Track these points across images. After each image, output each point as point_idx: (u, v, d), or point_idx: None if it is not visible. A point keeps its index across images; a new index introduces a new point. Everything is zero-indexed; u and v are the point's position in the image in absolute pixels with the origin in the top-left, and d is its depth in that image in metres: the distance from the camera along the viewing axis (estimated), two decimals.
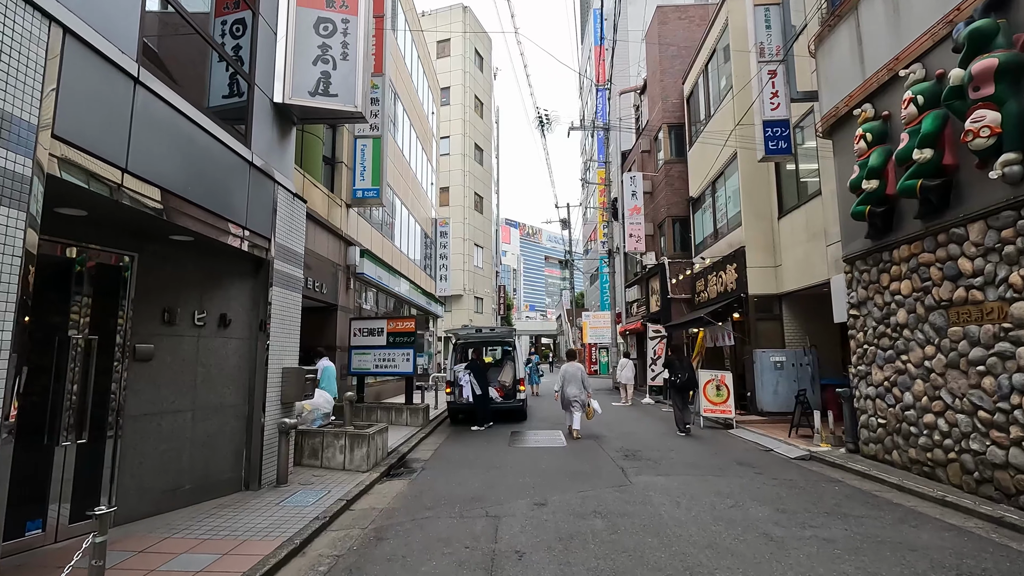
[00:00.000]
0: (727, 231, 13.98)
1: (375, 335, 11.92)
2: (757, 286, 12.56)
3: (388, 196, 16.40)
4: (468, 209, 39.10)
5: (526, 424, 12.07)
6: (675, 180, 18.29)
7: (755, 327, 12.50)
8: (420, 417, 11.23)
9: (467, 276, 38.37)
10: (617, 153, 25.86)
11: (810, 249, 10.84)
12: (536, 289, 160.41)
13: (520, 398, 12.14)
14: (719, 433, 10.74)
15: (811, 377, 11.74)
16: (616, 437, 10.20)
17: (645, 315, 19.69)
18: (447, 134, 39.31)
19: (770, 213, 12.73)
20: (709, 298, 15.08)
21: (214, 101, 6.04)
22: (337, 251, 12.16)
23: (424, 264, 24.12)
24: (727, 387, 11.58)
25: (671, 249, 18.11)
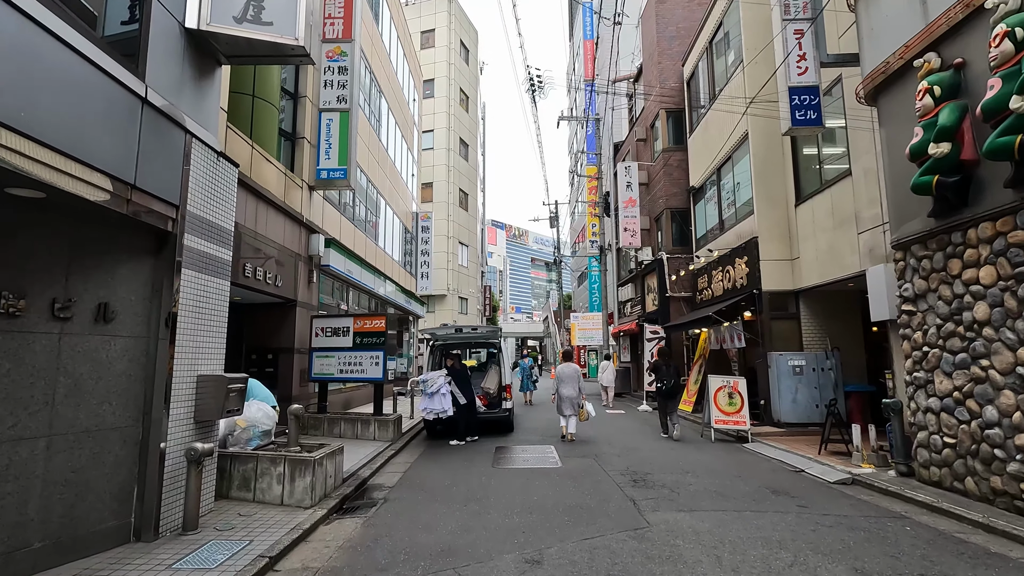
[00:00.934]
0: (735, 221, 12.66)
1: (340, 335, 10.37)
2: (771, 281, 11.23)
3: (360, 181, 14.83)
4: (453, 206, 37.59)
5: (513, 437, 10.58)
6: (674, 169, 16.98)
7: (769, 327, 11.17)
8: (390, 430, 9.68)
9: (451, 275, 36.83)
10: (608, 145, 24.55)
11: (837, 238, 9.52)
12: (522, 291, 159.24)
13: (506, 407, 10.65)
14: (734, 448, 9.35)
15: (834, 383, 10.42)
16: (617, 454, 8.76)
17: (641, 315, 18.34)
18: (431, 128, 37.80)
19: (786, 200, 11.42)
20: (713, 296, 13.75)
21: (112, 29, 4.50)
22: (297, 239, 10.58)
23: (404, 261, 22.56)
24: (741, 395, 10.21)
25: (669, 244, 16.78)
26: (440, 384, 9.94)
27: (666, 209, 16.86)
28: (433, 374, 10.07)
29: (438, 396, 9.90)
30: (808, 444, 9.36)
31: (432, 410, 9.86)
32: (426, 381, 10.00)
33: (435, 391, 9.91)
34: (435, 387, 9.92)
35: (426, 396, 9.98)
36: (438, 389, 9.93)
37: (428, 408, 9.87)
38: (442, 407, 9.87)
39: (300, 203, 10.72)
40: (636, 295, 19.77)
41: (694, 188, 15.53)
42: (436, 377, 10.02)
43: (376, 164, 16.81)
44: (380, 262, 17.29)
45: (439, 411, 9.88)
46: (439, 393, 9.92)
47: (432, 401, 9.86)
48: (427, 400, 9.94)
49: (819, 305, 11.10)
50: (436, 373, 10.09)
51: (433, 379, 10.01)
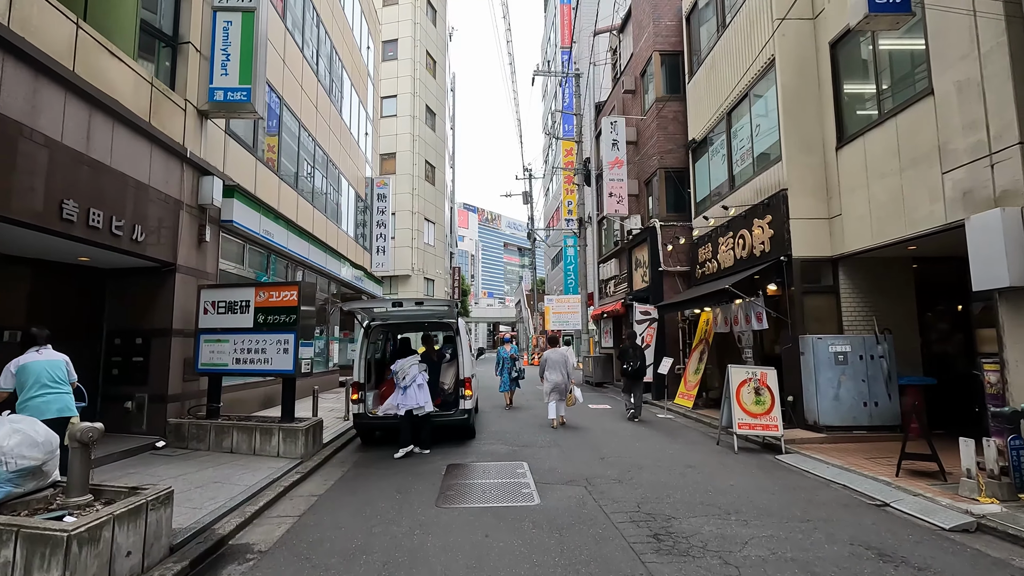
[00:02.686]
0: (752, 175, 10.23)
1: (236, 312, 7.61)
2: (804, 245, 8.85)
3: (286, 121, 11.85)
4: (418, 179, 34.58)
5: (474, 447, 8.01)
6: (669, 123, 14.48)
7: (801, 303, 8.81)
8: (301, 443, 6.97)
9: (416, 254, 33.94)
10: (589, 107, 21.92)
11: (905, 183, 7.13)
12: (495, 276, 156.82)
13: (465, 407, 8.04)
14: (768, 464, 6.97)
15: (887, 375, 8.13)
16: (616, 476, 6.26)
17: (628, 293, 15.90)
18: (393, 93, 34.60)
19: (822, 142, 9.01)
20: (720, 268, 11.35)
21: None
22: (176, 179, 7.69)
23: (357, 234, 19.63)
24: (770, 390, 7.84)
25: (663, 211, 14.33)
26: (414, 375, 7.54)
27: (660, 169, 14.37)
28: (404, 363, 7.60)
29: (412, 389, 7.51)
30: (863, 455, 7.05)
31: (405, 406, 7.46)
32: (396, 371, 7.59)
33: (409, 384, 7.52)
34: (409, 379, 7.52)
35: (398, 390, 7.56)
36: (413, 380, 7.52)
37: (401, 404, 7.49)
38: (417, 402, 7.49)
39: (183, 132, 7.81)
40: (621, 271, 17.33)
41: (694, 142, 13.06)
42: (408, 367, 7.57)
43: (314, 108, 13.83)
44: (321, 229, 14.39)
45: (413, 407, 7.47)
46: (414, 385, 7.53)
47: (406, 396, 7.49)
48: (398, 395, 7.57)
49: (863, 276, 8.78)
50: (407, 361, 7.62)
51: (404, 369, 7.55)
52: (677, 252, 13.72)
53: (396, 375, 7.42)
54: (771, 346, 10.74)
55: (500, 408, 12.23)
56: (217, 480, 5.75)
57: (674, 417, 11.05)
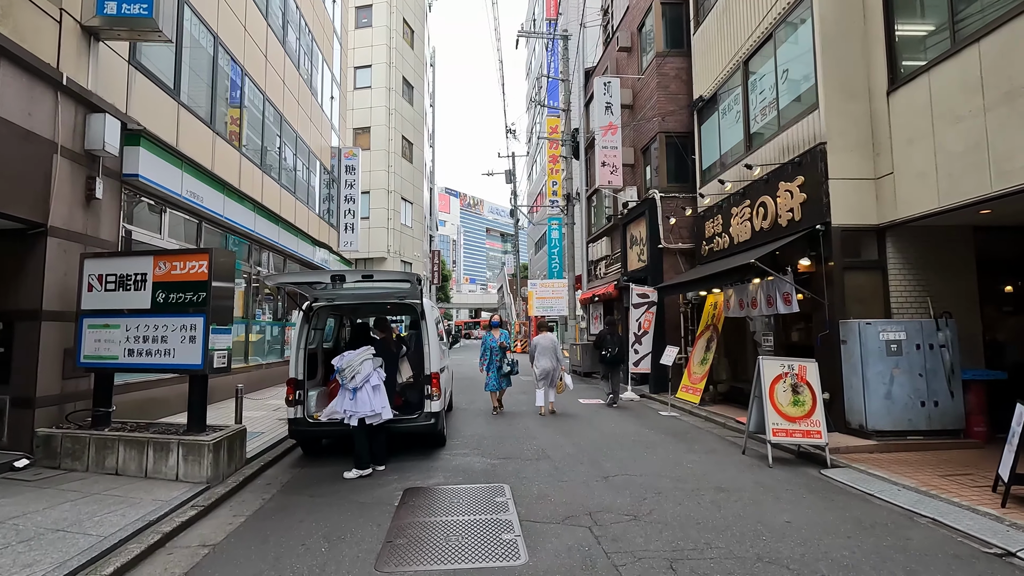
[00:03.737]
0: (777, 130, 8.64)
1: (129, 288, 5.83)
2: (845, 211, 7.30)
3: (222, 63, 9.88)
4: (394, 155, 32.53)
5: (441, 461, 6.35)
6: (671, 81, 12.81)
7: (841, 282, 7.28)
8: (207, 462, 5.21)
9: (392, 235, 32.01)
10: (578, 72, 20.15)
11: (998, 124, 5.58)
12: (477, 262, 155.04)
13: (431, 410, 6.36)
14: (817, 482, 5.45)
15: (950, 368, 6.65)
16: (631, 514, 4.66)
17: (623, 274, 14.32)
18: (368, 63, 32.44)
19: (867, 88, 7.43)
20: (734, 243, 9.80)
21: None
22: (46, 113, 5.80)
23: (324, 209, 17.71)
24: (811, 388, 6.31)
25: (663, 181, 12.71)
26: (367, 372, 5.74)
27: (660, 133, 12.73)
28: (353, 357, 5.77)
29: (365, 392, 5.72)
30: (933, 470, 5.57)
31: (356, 414, 5.68)
32: (343, 368, 5.72)
33: (361, 384, 5.72)
34: (360, 378, 5.71)
35: (343, 393, 5.79)
36: (366, 380, 5.70)
37: (351, 411, 5.70)
38: (371, 408, 5.72)
39: (56, 51, 5.91)
40: (614, 250, 15.74)
41: (701, 100, 11.42)
42: (359, 362, 5.76)
43: (262, 56, 11.86)
44: (273, 199, 12.48)
45: (367, 414, 5.71)
46: (368, 386, 5.74)
47: (357, 401, 5.70)
48: (345, 399, 5.78)
49: (916, 249, 7.28)
50: (357, 355, 5.79)
51: (354, 366, 5.73)
52: (679, 227, 12.15)
53: (341, 374, 5.65)
54: (794, 333, 9.25)
55: (484, 412, 10.54)
56: (64, 525, 4.01)
57: (680, 415, 9.54)
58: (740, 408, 9.57)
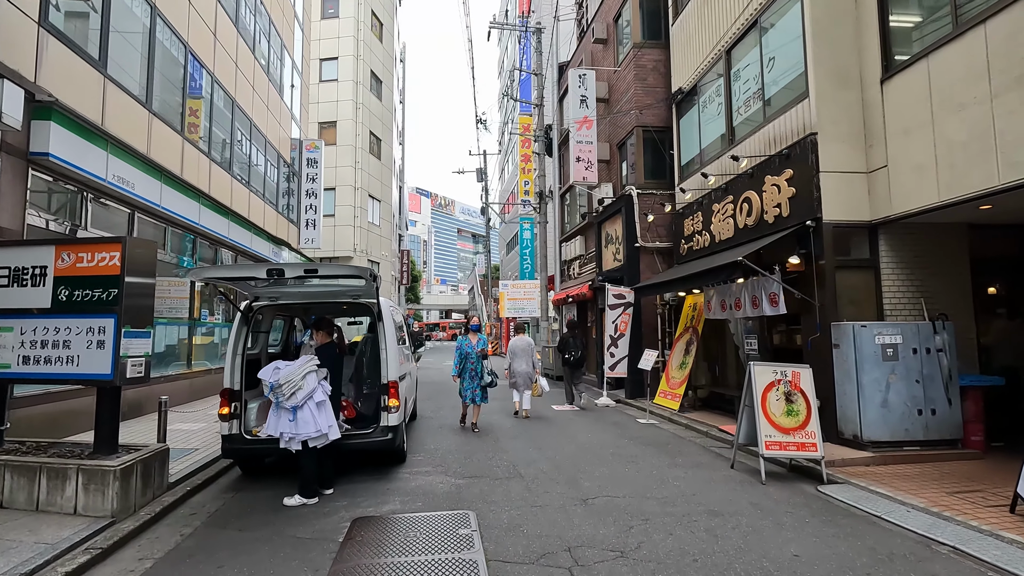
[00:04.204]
0: (763, 120, 8.18)
1: (25, 283, 4.93)
2: (837, 206, 6.86)
3: (167, 43, 8.89)
4: (362, 151, 31.44)
5: (399, 482, 5.61)
6: (648, 73, 12.33)
7: (832, 281, 6.83)
8: (113, 491, 4.35)
9: (359, 234, 30.92)
10: (552, 66, 19.60)
11: (1007, 110, 5.16)
12: (448, 263, 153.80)
13: (388, 424, 5.61)
14: (817, 501, 4.92)
15: (947, 374, 6.24)
16: (618, 549, 4.02)
17: (598, 274, 13.77)
18: (334, 55, 31.31)
19: (859, 76, 7.01)
20: (715, 241, 9.32)
21: None
22: None
23: (284, 204, 16.69)
24: (805, 397, 5.81)
25: (640, 177, 12.22)
26: (311, 387, 4.85)
27: (636, 127, 12.23)
28: (292, 369, 4.87)
29: (307, 410, 4.83)
30: (937, 485, 5.11)
31: (298, 436, 4.80)
32: (280, 385, 4.79)
33: (302, 402, 4.82)
34: (303, 394, 4.82)
35: (279, 412, 4.88)
36: (308, 396, 4.82)
37: (290, 433, 4.81)
38: (316, 427, 4.84)
39: None
40: (588, 249, 15.20)
41: (680, 93, 10.94)
42: (302, 375, 4.86)
43: (211, 34, 10.88)
44: (222, 191, 11.49)
45: (311, 435, 4.83)
46: (311, 403, 4.86)
47: (298, 421, 4.80)
48: (282, 418, 4.85)
49: (909, 247, 6.89)
50: (297, 367, 4.90)
51: (294, 379, 4.83)
52: (657, 225, 11.66)
53: (277, 391, 4.76)
54: (777, 336, 8.81)
55: (452, 421, 9.81)
56: None
57: (659, 423, 9.00)
58: (721, 415, 9.09)
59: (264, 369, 4.90)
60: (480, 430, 8.04)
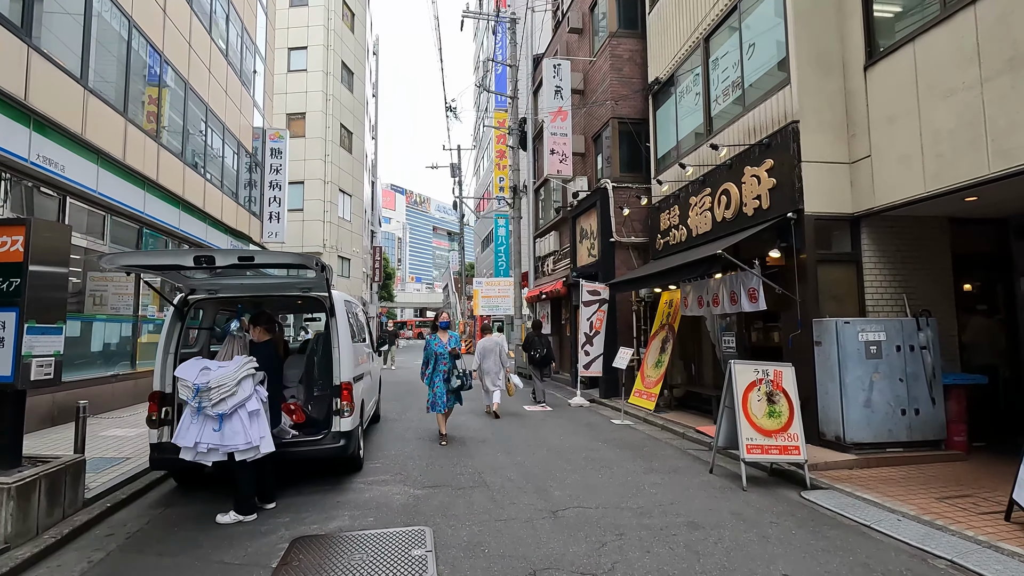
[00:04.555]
0: (743, 110, 7.88)
1: None
2: (819, 198, 6.58)
3: (107, 15, 8.16)
4: (332, 144, 30.57)
5: (352, 491, 5.10)
6: (624, 64, 12.00)
7: (814, 276, 6.55)
8: (5, 513, 3.75)
9: (329, 229, 30.08)
10: (527, 58, 19.19)
11: (998, 95, 4.91)
12: (423, 261, 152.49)
13: (341, 429, 5.09)
14: (802, 509, 4.60)
15: (931, 372, 6.01)
16: (590, 573, 3.61)
17: (572, 270, 13.40)
18: (303, 44, 30.39)
19: (842, 62, 6.75)
20: (692, 235, 9.02)
21: None
22: None
23: (246, 196, 15.89)
24: (788, 397, 5.50)
25: (615, 171, 11.88)
26: (246, 393, 4.26)
27: (612, 119, 11.88)
28: (225, 371, 4.27)
29: (237, 419, 4.23)
30: (925, 490, 4.83)
31: (221, 447, 4.20)
32: (208, 388, 4.16)
33: (232, 409, 4.22)
34: (234, 401, 4.22)
35: (200, 419, 4.24)
36: (242, 403, 4.24)
37: (210, 444, 4.20)
38: (247, 439, 4.22)
39: None
40: (563, 245, 14.83)
41: (657, 83, 10.63)
42: (234, 380, 4.24)
43: (157, 6, 10.11)
44: (172, 179, 10.73)
45: (239, 447, 4.22)
46: (243, 412, 4.26)
47: (224, 431, 4.19)
48: (205, 427, 4.22)
49: (891, 241, 6.66)
50: (231, 368, 4.30)
51: (227, 384, 4.22)
52: (632, 219, 11.33)
53: (204, 395, 4.11)
54: (755, 334, 8.55)
55: (416, 424, 9.31)
56: None
57: (634, 424, 8.66)
58: (698, 415, 8.80)
59: (185, 366, 4.30)
60: (448, 437, 7.51)
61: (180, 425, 4.33)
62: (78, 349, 8.16)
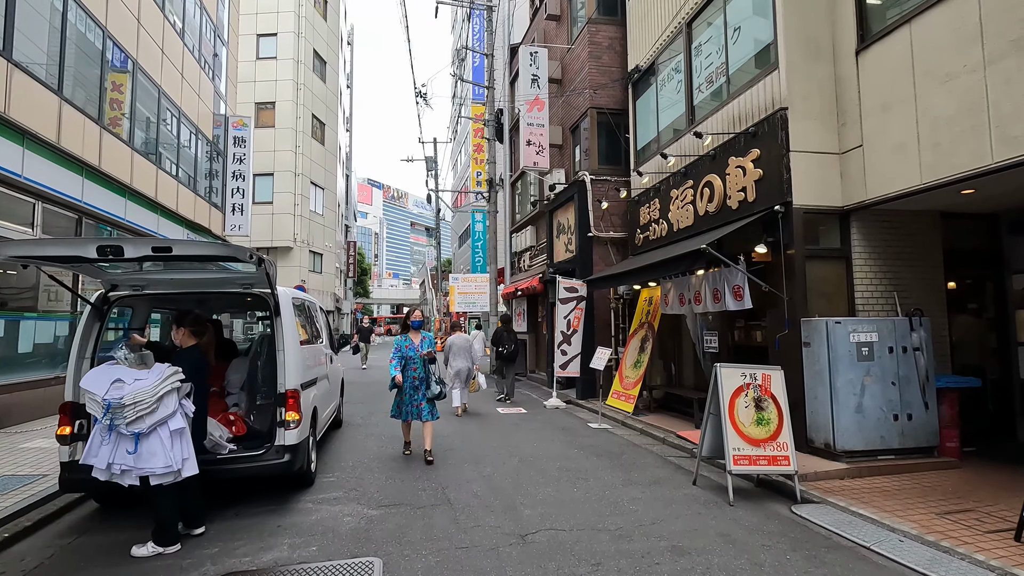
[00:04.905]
0: (727, 97, 7.47)
1: None
2: (809, 190, 6.20)
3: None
4: (303, 135, 29.59)
5: (297, 513, 4.54)
6: (603, 51, 11.54)
7: (802, 273, 6.17)
8: None
9: (300, 223, 29.14)
10: (504, 47, 18.63)
11: (1001, 79, 4.55)
12: (401, 257, 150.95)
13: (286, 443, 4.52)
14: (796, 529, 4.19)
15: (924, 375, 5.68)
16: None
17: (549, 266, 12.93)
18: (273, 30, 29.35)
19: (832, 47, 6.38)
20: (674, 230, 8.61)
21: None
22: None
23: (206, 187, 15.04)
24: (776, 402, 5.10)
25: (594, 163, 11.43)
26: (167, 411, 3.66)
27: (591, 109, 11.42)
28: (145, 384, 3.62)
29: (156, 438, 3.62)
30: (924, 504, 4.47)
31: (134, 470, 3.58)
32: (123, 406, 3.53)
33: (150, 428, 3.60)
34: (153, 419, 3.60)
35: (112, 437, 3.62)
36: (163, 421, 3.63)
37: (123, 466, 3.57)
38: (166, 462, 3.62)
39: None
40: (539, 240, 14.35)
41: (637, 71, 10.19)
42: (154, 395, 3.61)
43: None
44: (117, 164, 9.92)
45: (157, 471, 3.61)
46: (164, 430, 3.66)
47: (139, 453, 3.58)
48: (119, 447, 3.60)
49: (882, 236, 6.32)
50: (153, 381, 3.66)
51: (145, 400, 3.58)
52: (611, 213, 10.90)
53: (117, 412, 3.48)
54: (738, 333, 8.19)
55: (380, 430, 8.75)
56: None
57: (612, 428, 8.23)
58: (678, 417, 8.42)
59: (93, 376, 3.64)
60: (412, 446, 6.93)
61: (90, 443, 3.70)
62: (6, 350, 7.39)
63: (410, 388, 6.19)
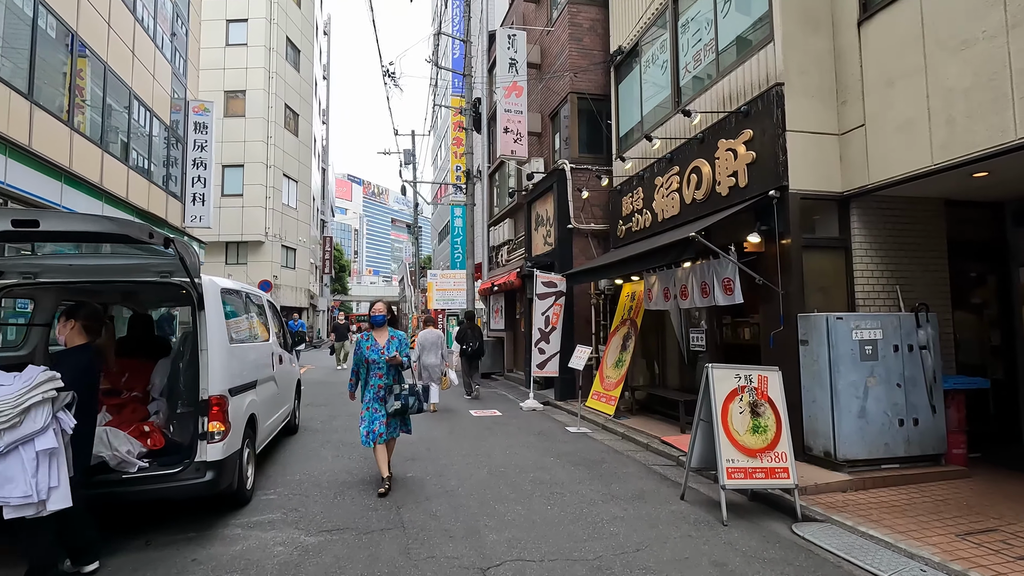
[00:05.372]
0: (717, 74, 6.91)
1: None
2: (806, 174, 5.67)
3: None
4: (275, 125, 28.54)
5: (221, 538, 3.84)
6: (584, 33, 10.95)
7: (799, 264, 5.64)
8: None
9: (271, 216, 28.10)
10: (482, 34, 17.95)
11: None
12: (381, 253, 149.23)
13: (209, 457, 3.84)
14: (796, 551, 3.63)
15: (931, 375, 5.19)
16: None
17: (527, 260, 12.32)
18: (243, 16, 28.27)
19: (830, 18, 5.86)
20: (658, 220, 8.06)
21: None
22: None
23: (162, 175, 14.10)
24: (774, 408, 4.55)
25: (574, 151, 10.83)
26: (33, 427, 2.87)
27: (571, 94, 10.81)
28: (8, 390, 2.84)
29: (19, 460, 2.84)
30: (939, 522, 3.97)
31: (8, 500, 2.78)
32: None
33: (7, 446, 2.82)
34: (12, 435, 2.82)
35: None
36: (27, 439, 2.85)
37: None
38: (25, 491, 2.82)
39: None
40: (518, 233, 13.73)
41: (621, 52, 9.61)
42: (12, 401, 2.82)
43: None
44: (51, 143, 9.04)
45: (12, 501, 2.83)
46: (28, 450, 2.86)
47: None
48: None
49: (884, 224, 5.83)
50: (17, 388, 2.86)
51: (4, 408, 2.80)
52: (592, 205, 10.33)
53: None
54: (728, 330, 7.65)
55: (340, 437, 8.04)
56: None
57: (592, 432, 7.64)
58: (662, 420, 7.88)
59: None
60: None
61: None
62: None
63: (374, 401, 4.96)
